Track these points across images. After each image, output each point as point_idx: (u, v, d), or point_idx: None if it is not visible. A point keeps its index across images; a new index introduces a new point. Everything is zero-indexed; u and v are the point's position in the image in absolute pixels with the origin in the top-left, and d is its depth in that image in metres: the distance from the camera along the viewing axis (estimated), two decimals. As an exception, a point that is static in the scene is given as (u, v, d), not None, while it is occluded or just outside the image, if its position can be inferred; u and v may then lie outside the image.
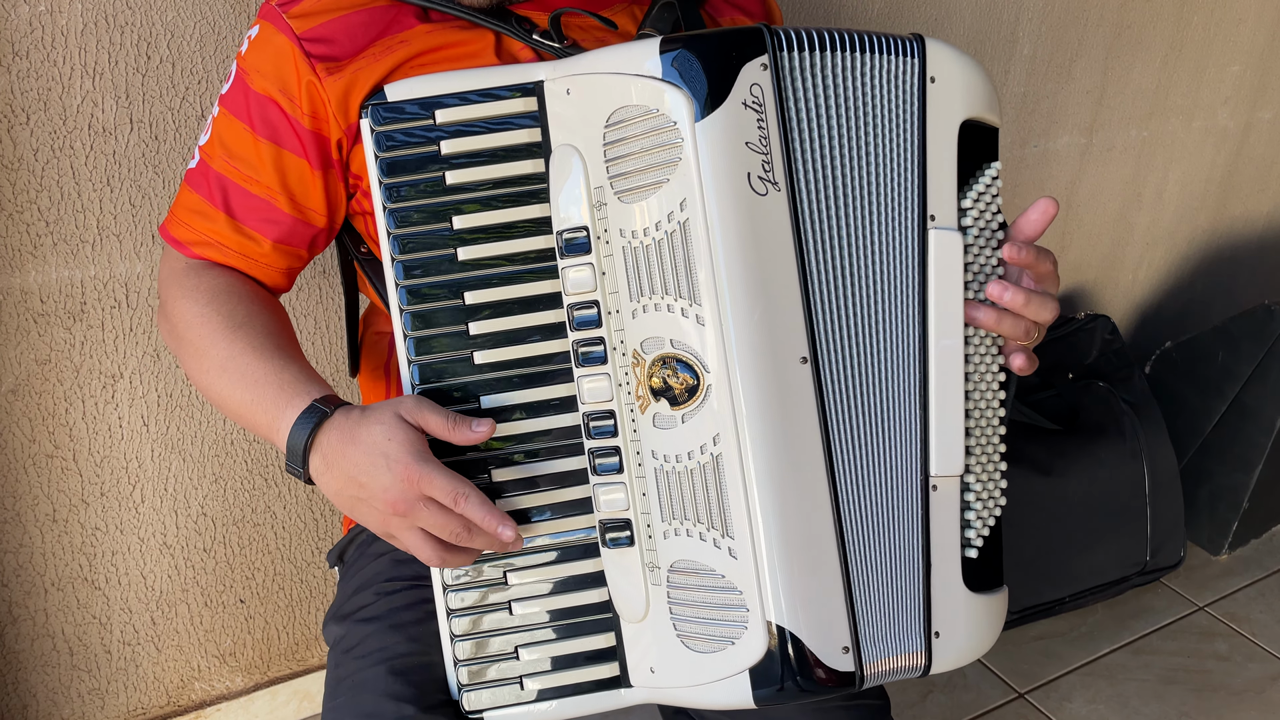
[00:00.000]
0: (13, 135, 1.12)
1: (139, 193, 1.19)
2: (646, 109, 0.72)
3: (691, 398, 0.74)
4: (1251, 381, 1.94)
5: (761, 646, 0.74)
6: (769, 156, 0.73)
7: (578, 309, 0.78)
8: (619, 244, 0.75)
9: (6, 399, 1.22)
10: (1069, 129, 1.98)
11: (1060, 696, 1.70)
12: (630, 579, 0.78)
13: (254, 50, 0.85)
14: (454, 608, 0.80)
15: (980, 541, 0.81)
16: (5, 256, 1.16)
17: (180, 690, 1.48)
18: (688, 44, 0.72)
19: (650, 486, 0.77)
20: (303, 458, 0.76)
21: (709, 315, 0.72)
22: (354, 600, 0.95)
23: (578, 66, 0.76)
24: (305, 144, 0.85)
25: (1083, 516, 1.81)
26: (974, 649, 0.81)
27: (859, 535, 0.76)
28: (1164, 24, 1.98)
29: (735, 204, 0.72)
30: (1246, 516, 1.99)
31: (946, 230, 0.78)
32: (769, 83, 0.72)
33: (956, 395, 0.79)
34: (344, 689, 0.86)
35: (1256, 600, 1.94)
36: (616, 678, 0.80)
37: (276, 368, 0.81)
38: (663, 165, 0.72)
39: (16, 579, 1.30)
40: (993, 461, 0.82)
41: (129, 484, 1.32)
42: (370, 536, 1.00)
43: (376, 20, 0.84)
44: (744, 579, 0.74)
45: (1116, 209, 2.15)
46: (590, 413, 0.78)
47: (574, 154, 0.76)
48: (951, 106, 0.78)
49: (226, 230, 0.87)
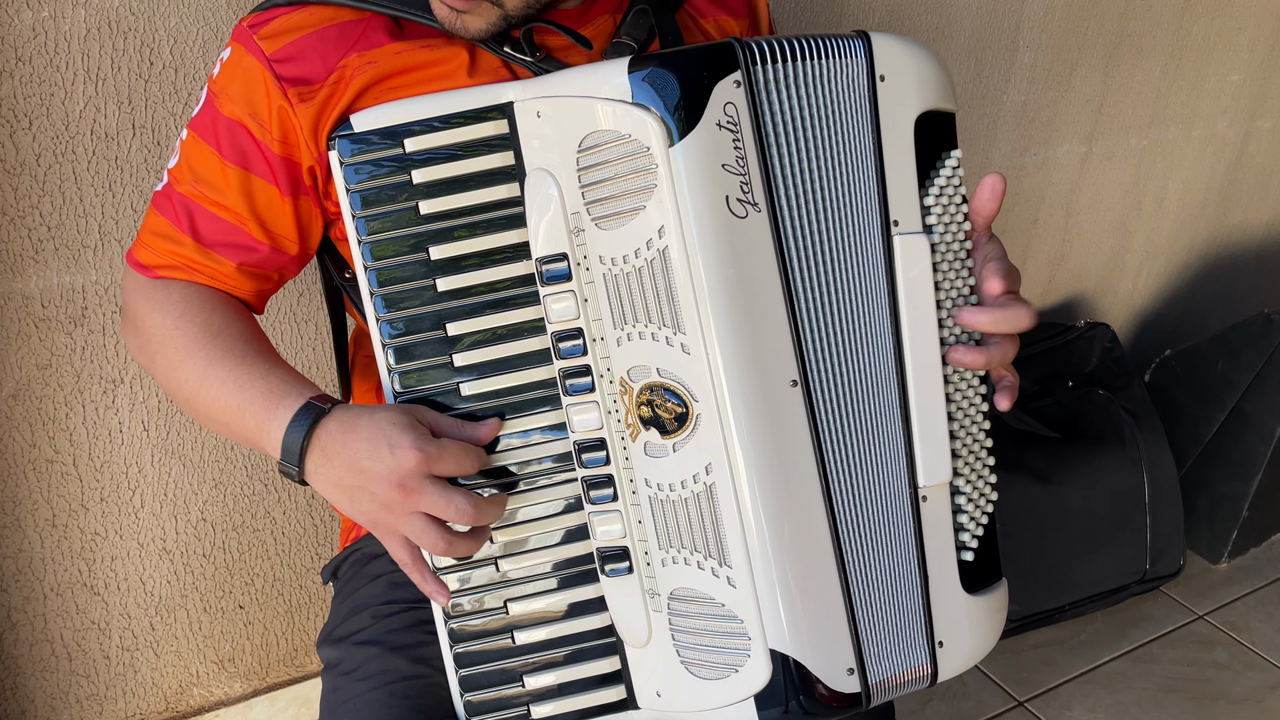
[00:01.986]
0: (15, 140, 1.12)
1: (141, 198, 1.20)
2: (619, 134, 0.70)
3: (681, 427, 0.72)
4: (1251, 390, 1.94)
5: (765, 674, 0.73)
6: (747, 177, 0.70)
7: (562, 339, 0.76)
8: (599, 270, 0.73)
9: (7, 404, 1.22)
10: (1069, 137, 1.98)
11: (1060, 705, 1.70)
12: (631, 606, 0.77)
13: (225, 73, 0.83)
14: (456, 634, 0.79)
15: (975, 543, 0.80)
16: (7, 261, 1.16)
17: (179, 696, 1.47)
18: (658, 64, 0.69)
19: (646, 514, 0.76)
20: (299, 455, 0.74)
21: (694, 344, 0.70)
22: (350, 622, 0.93)
23: (547, 88, 0.74)
24: (275, 170, 0.82)
25: (1082, 525, 1.81)
26: (978, 651, 0.80)
27: (857, 555, 0.75)
28: (1164, 33, 1.99)
29: (715, 229, 0.69)
30: (1246, 525, 1.99)
31: (911, 235, 0.75)
32: (743, 100, 0.69)
33: (937, 403, 0.77)
34: (345, 712, 0.84)
35: (1256, 609, 1.94)
36: (624, 700, 0.79)
37: (261, 372, 0.79)
38: (639, 191, 0.70)
39: (15, 584, 1.30)
40: (980, 459, 0.80)
41: (129, 489, 1.32)
42: (366, 555, 0.99)
43: (346, 35, 0.81)
44: (744, 607, 0.72)
45: (1116, 217, 2.15)
46: (580, 442, 0.77)
47: (549, 178, 0.74)
48: (905, 103, 0.75)
49: (194, 254, 0.85)
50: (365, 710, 0.83)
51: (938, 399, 0.77)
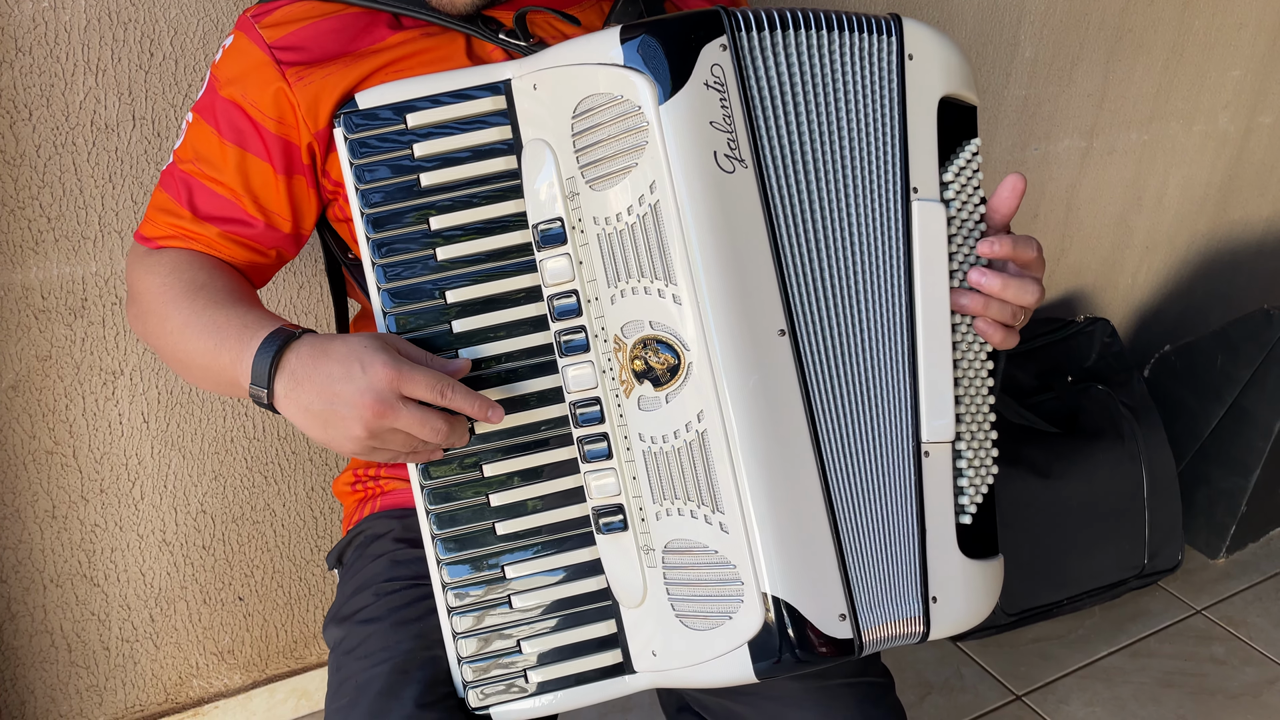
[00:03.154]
0: (15, 131, 1.12)
1: (141, 190, 1.19)
2: (611, 96, 0.73)
3: (674, 377, 0.75)
4: (1250, 386, 1.94)
5: (758, 618, 0.74)
6: (734, 135, 0.74)
7: (557, 299, 0.78)
8: (594, 231, 0.76)
9: (7, 395, 1.22)
10: (1070, 132, 1.98)
11: (1057, 699, 1.70)
12: (626, 564, 0.79)
13: (226, 59, 0.87)
14: (454, 605, 0.80)
15: (974, 508, 0.82)
16: (7, 252, 1.16)
17: (178, 687, 1.48)
18: (648, 30, 0.73)
19: (640, 469, 0.78)
20: (269, 378, 0.75)
21: (685, 294, 0.73)
22: (353, 601, 0.94)
23: (542, 61, 0.78)
24: (270, 148, 0.86)
25: (1081, 519, 1.82)
26: (972, 614, 0.81)
27: (850, 502, 0.77)
28: (1165, 28, 1.98)
29: (703, 183, 0.73)
30: (1244, 520, 1.99)
31: (929, 202, 0.80)
32: (729, 62, 0.73)
33: (945, 363, 0.80)
34: (347, 690, 0.85)
35: (1254, 604, 1.94)
36: (620, 664, 0.81)
37: (239, 313, 0.81)
38: (631, 150, 0.73)
39: (15, 575, 1.30)
40: (983, 430, 0.83)
41: (129, 481, 1.32)
42: (369, 537, 1.00)
43: (348, 28, 0.85)
44: (737, 552, 0.74)
45: (1116, 212, 2.15)
46: (576, 401, 0.79)
47: (545, 147, 0.77)
48: (930, 82, 0.80)
49: (190, 225, 0.88)
50: (365, 687, 0.84)
51: (945, 359, 0.80)
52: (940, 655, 1.77)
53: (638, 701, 1.55)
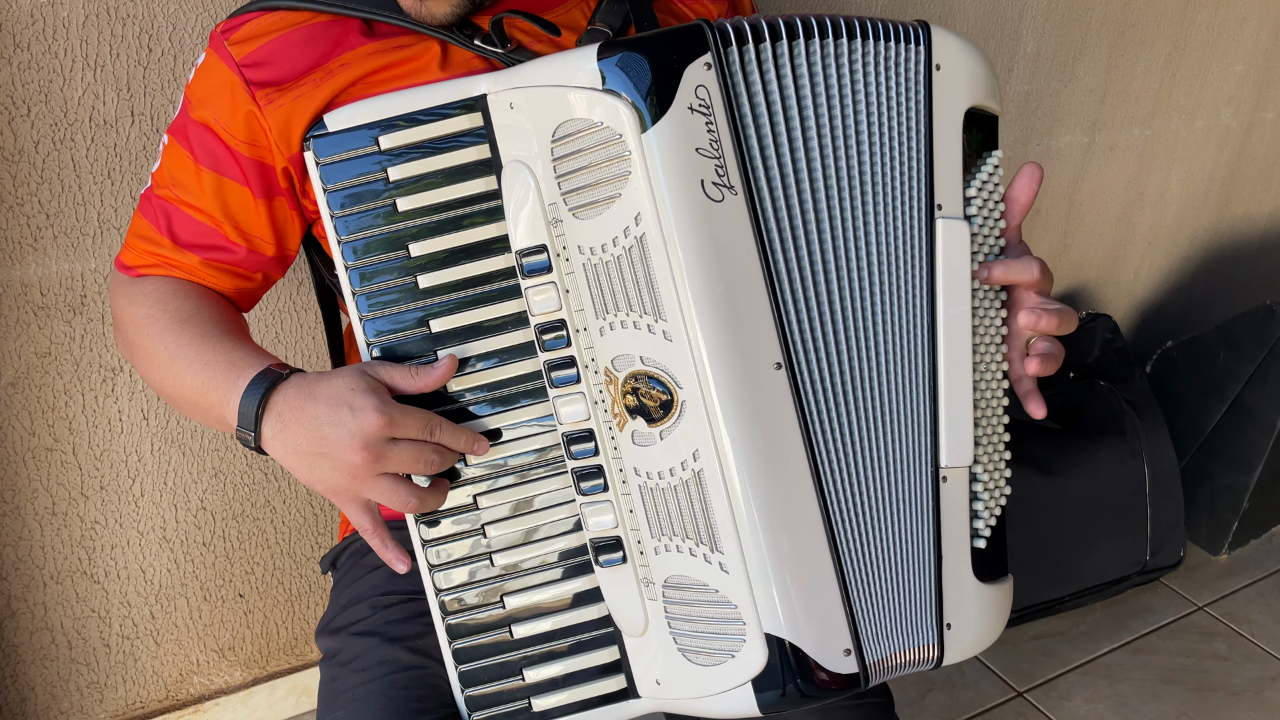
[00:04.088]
0: (13, 127, 1.11)
1: (140, 186, 1.19)
2: (592, 122, 0.70)
3: (667, 414, 0.72)
4: (1252, 382, 1.94)
5: (761, 658, 0.73)
6: (722, 161, 0.69)
7: (545, 331, 0.76)
8: (579, 261, 0.73)
9: (6, 392, 1.22)
10: (1072, 128, 1.97)
11: (1059, 695, 1.70)
12: (627, 596, 0.77)
13: (198, 80, 0.84)
14: (454, 630, 0.79)
15: (988, 532, 0.80)
16: (5, 249, 1.16)
17: (179, 684, 1.48)
18: (628, 49, 0.68)
19: (637, 503, 0.76)
20: (255, 420, 0.73)
21: (675, 330, 0.70)
22: (348, 613, 0.93)
23: (518, 79, 0.74)
24: (246, 172, 0.83)
25: (1083, 516, 1.81)
26: (984, 639, 0.80)
27: (858, 534, 0.75)
28: (1168, 23, 1.98)
29: (691, 214, 0.69)
30: (1246, 517, 1.99)
31: (954, 220, 0.76)
32: (714, 82, 0.69)
33: (966, 386, 0.77)
34: (343, 703, 0.85)
35: (1256, 600, 1.94)
36: (624, 690, 0.79)
37: (226, 348, 0.79)
38: (614, 180, 0.70)
39: (15, 572, 1.30)
40: (998, 451, 0.81)
41: (129, 478, 1.32)
42: (365, 546, 0.99)
43: (318, 39, 0.82)
44: (737, 592, 0.73)
45: (1119, 208, 2.15)
46: (569, 433, 0.76)
47: (525, 170, 0.74)
48: (957, 94, 0.76)
49: (171, 254, 0.86)
50: (363, 701, 0.83)
51: (966, 382, 0.77)
52: (942, 652, 1.77)
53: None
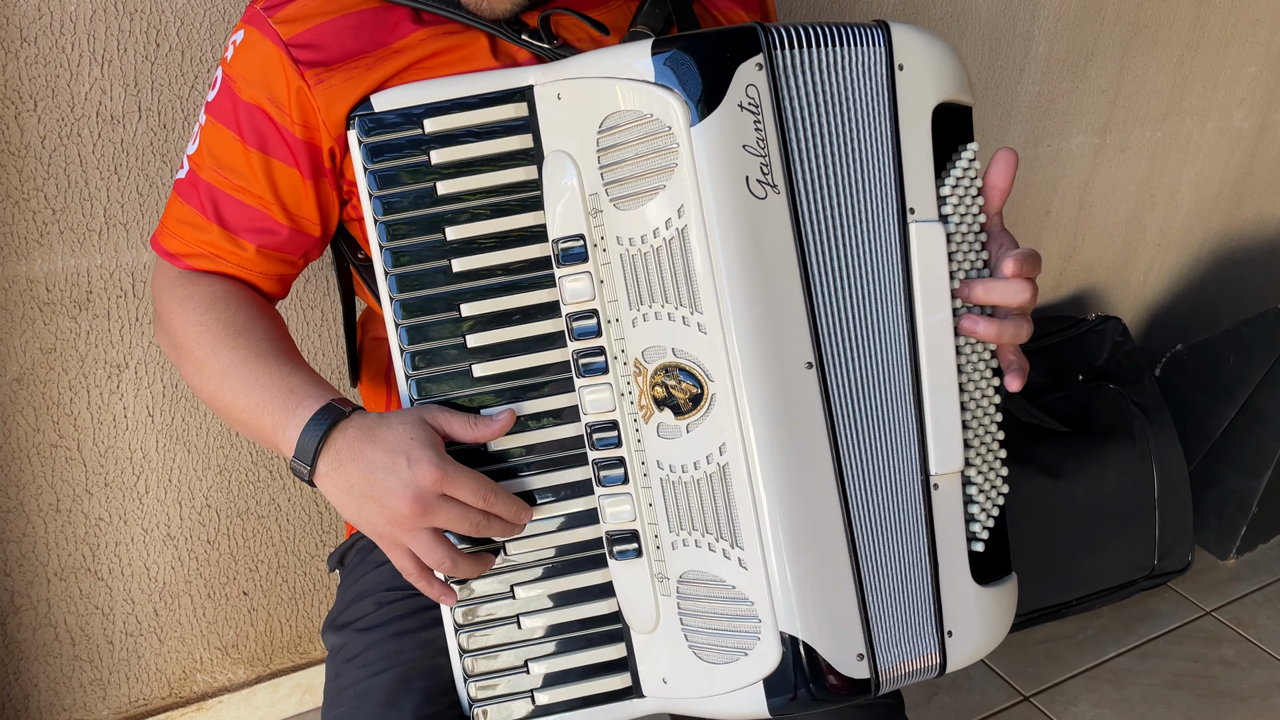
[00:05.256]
0: (20, 122, 1.11)
1: (146, 181, 1.19)
2: (640, 114, 0.70)
3: (696, 407, 0.72)
4: (1263, 386, 1.93)
5: (775, 657, 0.72)
6: (767, 159, 0.71)
7: (576, 319, 0.76)
8: (616, 251, 0.74)
9: (11, 388, 1.21)
10: (1083, 128, 1.96)
11: (1066, 700, 1.69)
12: (639, 590, 0.77)
13: (240, 57, 0.82)
14: (461, 623, 0.79)
15: (986, 534, 0.80)
16: (12, 244, 1.15)
17: (182, 682, 1.47)
18: (681, 46, 0.69)
19: (656, 497, 0.76)
20: (314, 455, 0.75)
21: (711, 323, 0.71)
22: (354, 609, 0.93)
23: (568, 70, 0.74)
24: (296, 154, 0.83)
25: (1091, 519, 1.80)
26: (988, 642, 0.80)
27: (868, 540, 0.75)
28: (1180, 24, 1.97)
29: (734, 209, 0.70)
30: (1255, 521, 1.98)
31: (927, 223, 0.76)
32: (765, 83, 0.70)
33: (951, 391, 0.77)
34: (346, 698, 0.84)
35: (1264, 606, 1.93)
36: (629, 688, 0.79)
37: (283, 372, 0.80)
38: (659, 171, 0.71)
39: (19, 569, 1.30)
40: (992, 451, 0.81)
41: (133, 475, 1.32)
42: (371, 544, 0.99)
43: (366, 24, 0.81)
44: (755, 589, 0.72)
45: (1129, 210, 2.14)
46: (592, 423, 0.77)
47: (567, 160, 0.74)
48: (923, 93, 0.76)
49: (220, 240, 0.85)
50: (365, 696, 0.83)
51: (950, 388, 0.77)
52: (948, 655, 1.76)
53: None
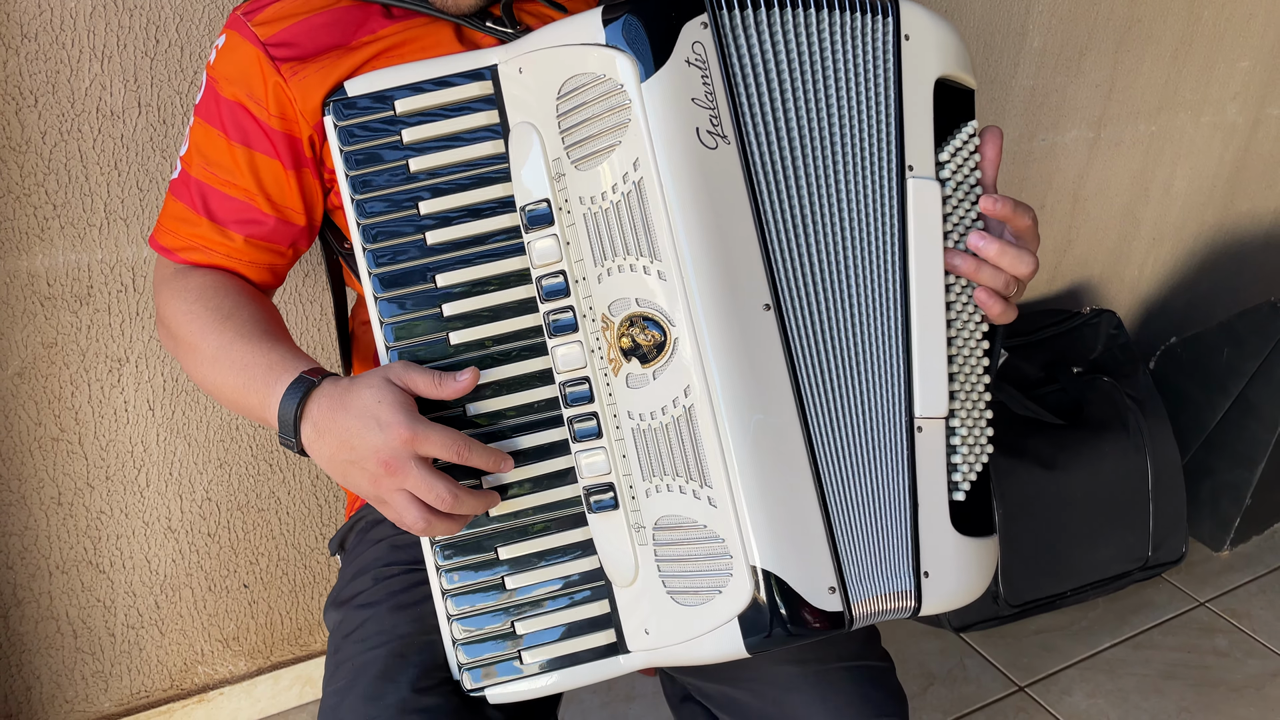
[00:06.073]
0: (20, 118, 1.11)
1: (146, 177, 1.19)
2: (594, 75, 0.74)
3: (660, 353, 0.75)
4: (1256, 378, 1.94)
5: (748, 592, 0.74)
6: (715, 111, 0.75)
7: (545, 279, 0.79)
8: (580, 211, 0.77)
9: (12, 382, 1.22)
10: (1077, 123, 1.97)
11: (1060, 690, 1.70)
12: (618, 542, 0.80)
13: (222, 59, 0.87)
14: (447, 588, 0.81)
15: (967, 485, 0.82)
16: (12, 239, 1.16)
17: (183, 674, 1.48)
18: (629, 10, 0.74)
19: (629, 447, 0.78)
20: (294, 427, 0.78)
21: (670, 270, 0.74)
22: (353, 585, 0.95)
23: (527, 45, 0.78)
24: (276, 145, 0.87)
25: (1085, 511, 1.81)
26: (965, 591, 0.82)
27: (840, 476, 0.77)
28: (1174, 18, 1.97)
29: (685, 159, 0.73)
30: (1248, 513, 1.99)
31: (924, 180, 0.81)
32: (710, 39, 0.74)
33: (939, 338, 0.81)
34: (344, 673, 0.86)
35: (1257, 596, 1.94)
36: (614, 644, 0.81)
37: (264, 349, 0.83)
38: (614, 129, 0.74)
39: (21, 562, 1.30)
40: (978, 407, 0.84)
41: (134, 468, 1.33)
42: (370, 522, 1.01)
43: (339, 21, 0.86)
44: (725, 526, 0.75)
45: (1123, 204, 2.14)
46: (566, 380, 0.80)
47: (531, 130, 0.78)
48: (926, 63, 0.81)
49: (210, 233, 0.89)
50: (361, 670, 0.85)
51: (939, 336, 0.81)
52: (943, 646, 1.77)
53: (641, 691, 1.55)
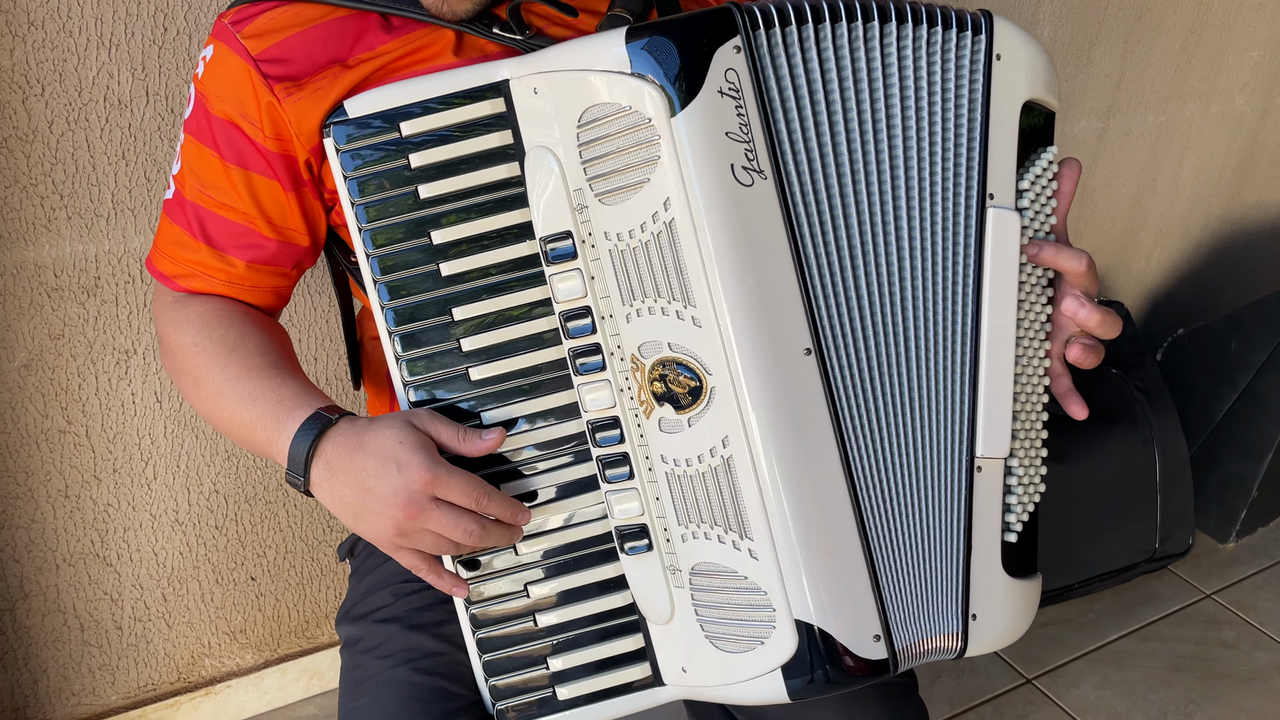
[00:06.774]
0: (27, 107, 1.10)
1: (154, 167, 1.18)
2: (619, 106, 0.69)
3: (696, 401, 0.72)
4: (1264, 370, 1.93)
5: (791, 644, 0.73)
6: (751, 145, 0.69)
7: (570, 318, 0.75)
8: (605, 247, 0.73)
9: (19, 374, 1.21)
10: (1086, 113, 1.96)
11: (1068, 682, 1.70)
12: (652, 583, 0.77)
13: (210, 73, 0.81)
14: (477, 619, 0.79)
15: (1020, 526, 0.79)
16: (19, 230, 1.15)
17: (190, 667, 1.48)
18: (655, 32, 0.68)
19: (663, 491, 0.75)
20: (305, 465, 0.74)
21: (705, 317, 0.70)
22: (370, 600, 0.93)
23: (542, 63, 0.73)
24: (274, 166, 0.82)
25: (1093, 503, 1.81)
26: (1009, 634, 0.80)
27: (887, 520, 0.74)
28: (1184, 8, 1.96)
29: (720, 198, 0.68)
30: (1255, 505, 1.99)
31: (1005, 210, 0.76)
32: (744, 66, 0.69)
33: (1007, 376, 0.77)
34: (366, 690, 0.84)
35: (1264, 588, 1.94)
36: (649, 678, 0.79)
37: (274, 384, 0.79)
38: (642, 164, 0.69)
39: (28, 554, 1.30)
40: (1035, 446, 0.81)
41: (141, 460, 1.32)
42: None
43: (335, 35, 0.80)
44: (767, 579, 0.72)
45: (1131, 194, 2.14)
46: (594, 421, 0.76)
47: (549, 156, 0.73)
48: (1016, 85, 0.76)
49: (209, 259, 0.84)
50: (386, 687, 0.83)
51: (1007, 373, 0.77)
52: (951, 638, 1.77)
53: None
